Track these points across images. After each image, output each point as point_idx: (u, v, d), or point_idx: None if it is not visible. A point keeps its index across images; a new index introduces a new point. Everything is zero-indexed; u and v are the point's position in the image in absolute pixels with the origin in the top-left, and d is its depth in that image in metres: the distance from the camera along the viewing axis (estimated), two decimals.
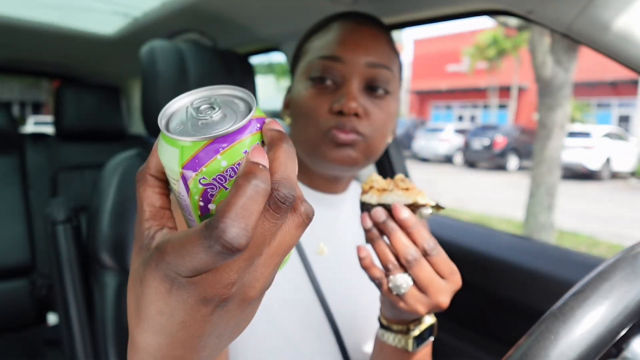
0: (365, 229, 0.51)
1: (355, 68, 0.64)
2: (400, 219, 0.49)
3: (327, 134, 0.64)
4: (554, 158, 4.71)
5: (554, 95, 4.56)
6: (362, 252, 0.52)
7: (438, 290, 0.50)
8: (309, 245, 0.71)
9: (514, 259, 1.06)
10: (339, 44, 0.64)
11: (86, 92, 2.09)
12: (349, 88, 0.63)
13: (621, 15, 0.66)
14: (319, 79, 0.65)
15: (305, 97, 0.66)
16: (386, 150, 1.40)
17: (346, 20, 0.68)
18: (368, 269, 0.52)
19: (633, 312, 0.42)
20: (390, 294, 0.51)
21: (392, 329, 0.57)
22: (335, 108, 0.63)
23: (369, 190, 0.51)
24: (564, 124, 4.66)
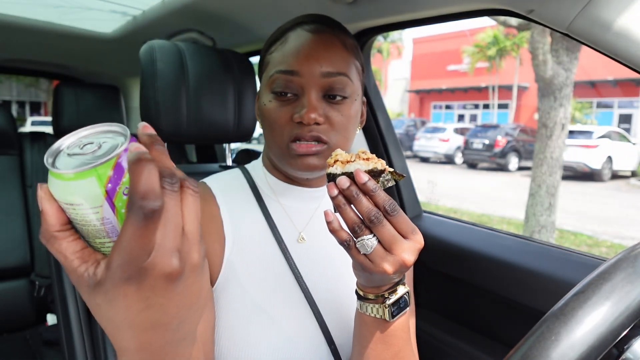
0: (332, 197, 0.55)
1: (312, 79, 0.69)
2: (361, 183, 0.53)
3: (289, 145, 0.70)
4: (555, 158, 4.71)
5: (555, 95, 4.56)
6: (329, 216, 0.56)
7: (401, 248, 0.54)
8: (288, 234, 0.76)
9: (514, 259, 1.05)
10: (295, 57, 0.69)
11: (85, 91, 2.09)
12: (308, 99, 0.69)
13: (622, 15, 0.66)
14: (280, 92, 0.70)
15: (269, 109, 0.71)
16: (386, 151, 1.40)
17: (301, 29, 0.72)
18: (336, 232, 0.56)
19: (634, 312, 0.42)
20: (359, 254, 0.55)
21: (368, 298, 0.61)
22: (296, 119, 0.69)
23: (334, 164, 0.56)
24: (565, 124, 4.65)
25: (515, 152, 13.21)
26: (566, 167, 8.52)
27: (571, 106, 5.17)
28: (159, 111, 0.97)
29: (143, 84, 0.99)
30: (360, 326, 0.64)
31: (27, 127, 15.59)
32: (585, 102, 17.36)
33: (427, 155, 15.48)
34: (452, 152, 14.97)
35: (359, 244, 0.55)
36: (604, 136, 11.86)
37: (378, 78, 19.92)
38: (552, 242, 1.25)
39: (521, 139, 13.32)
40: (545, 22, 0.77)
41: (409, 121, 19.67)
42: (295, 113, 0.69)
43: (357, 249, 0.55)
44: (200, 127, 1.02)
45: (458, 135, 15.07)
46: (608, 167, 11.54)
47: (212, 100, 1.02)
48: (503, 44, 17.14)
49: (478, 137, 13.64)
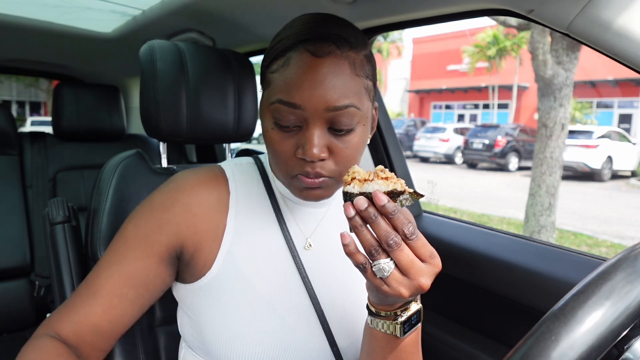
0: (348, 217, 0.53)
1: (316, 114, 0.63)
2: (380, 205, 0.52)
3: (294, 177, 0.67)
4: (555, 158, 4.71)
5: (555, 95, 4.56)
6: (345, 239, 0.54)
7: (419, 273, 0.53)
8: (296, 240, 0.76)
9: (514, 259, 1.05)
10: (298, 88, 0.62)
11: (85, 91, 2.09)
12: (310, 133, 0.63)
13: (622, 15, 0.66)
14: (281, 121, 0.65)
15: (272, 138, 0.67)
16: (386, 151, 1.40)
17: (304, 49, 0.63)
18: (352, 255, 0.54)
19: (634, 312, 0.42)
20: (375, 278, 0.54)
21: (380, 315, 0.60)
22: (299, 154, 0.64)
23: (352, 182, 0.54)
24: (565, 124, 4.65)
25: (515, 152, 13.21)
26: (566, 167, 8.53)
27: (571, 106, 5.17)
28: (158, 111, 0.97)
29: (143, 84, 0.99)
30: (370, 340, 0.64)
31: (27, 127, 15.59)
32: (585, 102, 17.36)
33: (427, 155, 15.47)
34: (452, 152, 14.96)
35: (375, 267, 0.53)
36: (604, 136, 11.86)
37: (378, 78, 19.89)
38: (552, 242, 1.25)
39: (521, 139, 13.31)
40: (545, 22, 0.77)
41: (409, 121, 19.66)
42: (299, 147, 0.64)
43: (373, 272, 0.54)
44: (200, 127, 1.02)
45: (458, 135, 15.06)
46: (608, 167, 11.53)
47: (212, 100, 1.02)
48: (503, 44, 17.14)
49: (478, 137, 13.64)
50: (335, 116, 0.63)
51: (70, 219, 1.01)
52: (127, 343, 0.89)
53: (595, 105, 17.93)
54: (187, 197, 0.72)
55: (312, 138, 0.63)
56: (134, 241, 0.72)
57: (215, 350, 0.70)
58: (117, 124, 2.15)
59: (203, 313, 0.72)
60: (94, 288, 0.71)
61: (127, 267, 0.71)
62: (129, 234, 0.73)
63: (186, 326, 0.76)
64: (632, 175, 12.12)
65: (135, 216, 0.74)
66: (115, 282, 0.71)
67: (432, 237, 1.24)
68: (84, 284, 0.73)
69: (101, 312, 0.70)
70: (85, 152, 2.12)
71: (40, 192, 2.00)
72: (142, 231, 0.72)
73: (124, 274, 0.71)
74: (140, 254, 0.71)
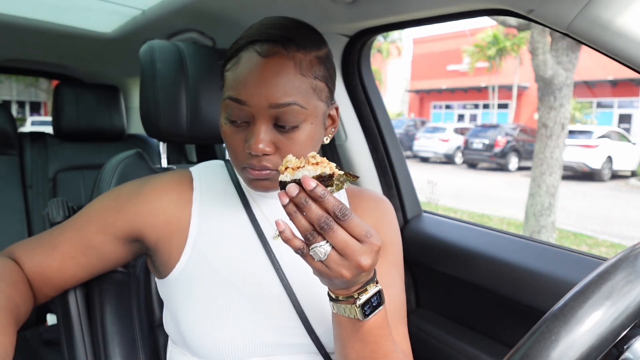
0: (283, 205, 0.54)
1: (260, 110, 0.67)
2: (309, 190, 0.53)
3: (244, 169, 0.72)
4: (555, 158, 4.72)
5: (555, 95, 4.56)
6: (280, 226, 0.55)
7: (356, 253, 0.54)
8: (266, 231, 0.79)
9: (514, 259, 1.05)
10: (243, 86, 0.67)
11: (85, 91, 2.09)
12: (256, 128, 0.68)
13: (622, 15, 0.66)
14: (231, 117, 0.70)
15: (225, 131, 0.72)
16: (386, 151, 1.40)
17: (253, 49, 0.69)
18: (289, 241, 0.55)
19: (634, 312, 0.42)
20: (314, 261, 0.56)
21: (339, 299, 0.61)
22: (245, 149, 0.69)
23: (285, 171, 0.55)
24: (565, 124, 4.65)
25: (515, 152, 13.20)
26: (566, 167, 8.53)
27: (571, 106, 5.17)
28: (158, 111, 0.97)
29: (143, 84, 0.99)
30: (337, 326, 0.65)
31: (27, 127, 15.59)
32: (585, 102, 17.36)
33: (427, 155, 15.47)
34: (452, 152, 14.96)
35: (312, 251, 0.55)
36: (604, 136, 11.86)
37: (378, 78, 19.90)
38: (552, 242, 1.25)
39: (521, 139, 13.31)
40: (545, 22, 0.77)
41: (409, 121, 19.66)
42: (247, 141, 0.69)
43: (312, 256, 0.55)
44: (200, 127, 1.02)
45: (458, 135, 15.06)
46: (608, 167, 11.53)
47: (211, 100, 1.02)
48: (503, 44, 17.13)
49: (478, 137, 13.63)
50: (278, 113, 0.67)
51: None
52: (127, 343, 0.89)
53: (595, 105, 17.92)
54: (150, 193, 0.79)
55: (257, 133, 0.68)
56: (94, 217, 0.79)
57: (191, 340, 0.73)
58: (117, 124, 2.15)
59: (177, 305, 0.75)
60: (55, 242, 0.79)
61: (83, 238, 0.78)
62: (93, 209, 0.80)
63: (168, 322, 0.80)
64: (632, 175, 12.12)
65: (104, 196, 0.82)
66: (71, 246, 0.78)
67: (432, 237, 1.24)
68: (52, 230, 0.81)
69: (55, 267, 0.78)
70: (86, 152, 2.12)
71: (40, 192, 2.00)
72: (103, 211, 0.79)
73: (80, 242, 0.78)
74: (96, 229, 0.78)
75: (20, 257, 0.79)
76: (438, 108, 24.36)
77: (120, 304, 0.90)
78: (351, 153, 1.38)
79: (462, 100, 22.92)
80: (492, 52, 17.59)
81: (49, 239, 0.80)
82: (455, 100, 23.23)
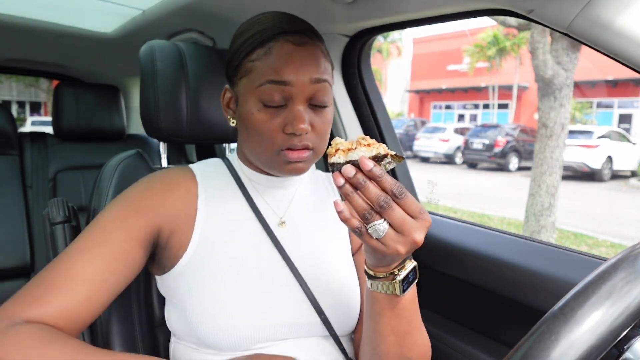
0: (339, 186, 0.56)
1: (302, 88, 0.71)
2: (367, 170, 0.55)
3: (279, 153, 0.73)
4: (555, 158, 4.72)
5: (555, 95, 4.56)
6: (338, 206, 0.57)
7: (412, 229, 0.57)
8: (269, 219, 0.81)
9: (514, 259, 1.05)
10: (285, 68, 0.71)
11: (85, 91, 2.09)
12: (298, 108, 0.71)
13: (622, 15, 0.66)
14: (269, 100, 0.71)
15: (259, 119, 0.73)
16: None
17: (284, 40, 0.72)
18: (347, 220, 0.57)
19: (634, 312, 0.42)
20: (371, 239, 0.57)
21: (379, 277, 0.63)
22: (289, 130, 0.71)
23: (336, 153, 0.56)
24: (565, 124, 4.66)
25: (515, 152, 13.20)
26: (566, 167, 8.53)
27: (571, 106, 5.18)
28: (158, 111, 0.97)
29: (143, 84, 0.99)
30: (373, 304, 0.67)
31: (27, 127, 15.59)
32: (585, 102, 17.35)
33: (427, 155, 15.46)
34: (452, 152, 14.95)
35: (370, 229, 0.56)
36: (604, 136, 11.85)
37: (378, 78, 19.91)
38: (552, 242, 1.25)
39: (521, 139, 13.30)
40: (545, 22, 0.77)
41: (409, 121, 19.65)
42: (287, 124, 0.71)
43: (369, 235, 0.57)
44: (200, 127, 1.02)
45: (458, 135, 15.05)
46: (608, 167, 11.53)
47: (212, 100, 1.02)
48: (503, 44, 17.14)
49: (478, 137, 13.62)
50: (315, 90, 0.72)
51: (71, 219, 1.01)
52: (127, 343, 0.89)
53: (596, 105, 17.92)
54: (161, 188, 0.78)
55: (300, 114, 0.71)
56: (111, 226, 0.72)
57: (200, 330, 0.72)
58: (117, 124, 2.15)
59: (184, 296, 0.75)
60: (72, 273, 0.67)
61: (106, 252, 0.70)
62: (105, 221, 0.73)
63: (173, 317, 0.79)
64: (632, 175, 12.11)
65: (109, 208, 0.75)
66: (96, 267, 0.68)
67: (432, 237, 1.24)
68: (55, 265, 0.68)
69: (82, 299, 0.66)
70: (86, 152, 2.12)
71: (40, 192, 2.00)
72: (119, 217, 0.73)
73: (104, 258, 0.69)
74: (119, 236, 0.71)
75: (30, 313, 0.63)
76: (438, 108, 24.36)
77: (121, 304, 0.90)
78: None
79: (462, 100, 22.92)
80: (492, 52, 17.59)
81: (60, 273, 0.67)
82: (456, 100, 23.22)
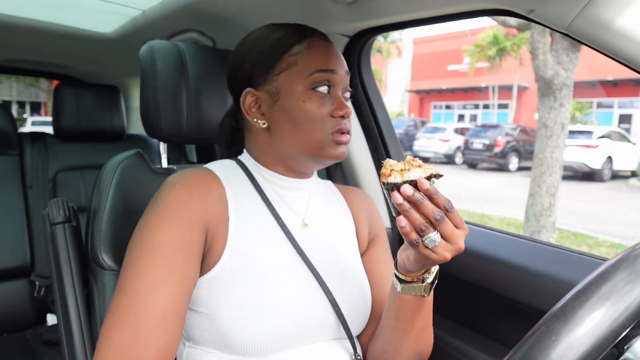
0: (398, 203, 0.62)
1: (341, 78, 0.81)
2: (424, 189, 0.62)
3: (330, 136, 0.79)
4: (555, 158, 4.72)
5: (555, 95, 4.56)
6: (401, 222, 0.63)
7: (459, 238, 0.64)
8: (292, 221, 0.83)
9: (514, 259, 1.05)
10: (329, 59, 0.80)
11: (85, 91, 2.09)
12: (342, 95, 0.82)
13: (622, 15, 0.66)
14: (320, 88, 0.79)
15: (310, 107, 0.78)
16: (386, 151, 1.40)
17: (317, 38, 0.81)
18: (407, 234, 0.63)
19: (634, 312, 0.42)
20: (426, 249, 0.63)
21: (411, 282, 0.70)
22: (337, 114, 0.79)
23: (391, 173, 0.63)
24: (565, 124, 4.66)
25: (515, 152, 13.20)
26: (566, 167, 8.53)
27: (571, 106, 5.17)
28: (159, 111, 0.97)
29: (143, 84, 0.99)
30: (400, 305, 0.74)
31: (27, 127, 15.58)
32: (585, 102, 17.35)
33: (427, 155, 15.45)
34: (452, 152, 14.96)
35: (426, 240, 0.63)
36: (604, 136, 11.86)
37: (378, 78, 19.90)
38: (552, 242, 1.25)
39: (521, 139, 13.30)
40: (545, 22, 0.77)
41: (409, 121, 19.66)
42: (335, 108, 0.79)
43: (425, 245, 0.63)
44: (200, 127, 1.02)
45: (458, 135, 15.05)
46: (608, 167, 11.53)
47: (212, 100, 1.02)
48: (503, 44, 17.14)
49: (478, 137, 13.63)
50: (347, 81, 0.83)
51: (71, 219, 1.01)
52: None
53: (596, 105, 17.92)
54: (197, 192, 0.74)
55: (342, 97, 0.81)
56: (173, 247, 0.68)
57: (230, 336, 0.71)
58: (117, 124, 2.15)
59: (214, 303, 0.72)
60: (159, 312, 0.65)
61: (180, 277, 0.68)
62: (161, 243, 0.68)
63: (193, 323, 0.76)
64: (632, 175, 12.11)
65: (156, 224, 0.70)
66: (176, 296, 0.67)
67: None
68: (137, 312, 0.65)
69: (177, 334, 0.68)
70: (86, 152, 2.12)
71: (40, 192, 2.00)
72: (176, 235, 0.69)
73: (177, 284, 0.68)
74: (183, 257, 0.69)
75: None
76: (438, 108, 24.35)
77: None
78: (351, 153, 1.38)
79: (462, 100, 22.91)
80: (492, 52, 17.60)
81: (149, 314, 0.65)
82: (456, 101, 23.22)
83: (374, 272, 0.90)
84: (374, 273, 0.90)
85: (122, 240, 0.93)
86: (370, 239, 0.94)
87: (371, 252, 0.93)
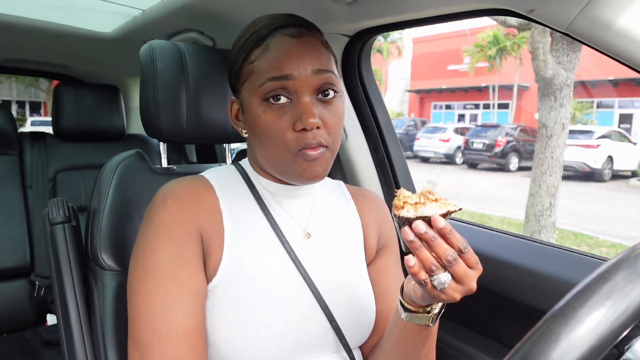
0: (409, 240, 0.58)
1: (305, 80, 0.68)
2: (439, 228, 0.56)
3: (297, 154, 0.69)
4: (555, 158, 4.72)
5: (555, 95, 4.56)
6: (410, 261, 0.59)
7: (471, 279, 0.59)
8: (294, 232, 0.78)
9: (514, 259, 1.05)
10: (285, 61, 0.68)
11: (85, 91, 2.09)
12: (304, 103, 0.68)
13: (622, 15, 0.66)
14: (273, 98, 0.69)
15: (266, 120, 0.69)
16: (386, 151, 1.40)
17: (280, 34, 0.70)
18: (416, 274, 0.59)
19: (635, 312, 0.41)
20: (434, 290, 0.59)
21: (416, 312, 0.67)
22: (298, 127, 0.68)
23: (404, 206, 0.58)
24: (565, 124, 4.65)
25: (515, 152, 13.20)
26: (566, 167, 8.52)
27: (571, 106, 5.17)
28: (158, 111, 0.97)
29: (143, 84, 0.98)
30: (403, 332, 0.71)
31: (27, 127, 15.59)
32: (585, 102, 17.35)
33: (427, 155, 15.46)
34: (452, 152, 14.95)
35: (435, 281, 0.58)
36: (605, 136, 11.85)
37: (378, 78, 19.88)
38: (552, 242, 1.25)
39: (521, 139, 13.30)
40: (546, 22, 0.77)
41: (409, 121, 19.65)
42: (296, 120, 0.68)
43: (434, 286, 0.59)
44: (200, 127, 1.02)
45: (458, 135, 15.05)
46: (608, 167, 11.52)
47: (212, 100, 1.01)
48: (503, 44, 17.14)
49: (478, 137, 13.62)
50: (320, 80, 0.69)
51: (70, 219, 1.01)
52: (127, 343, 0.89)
53: (596, 105, 17.91)
54: (188, 204, 0.72)
55: (307, 107, 0.67)
56: (176, 266, 0.68)
57: (227, 351, 0.70)
58: (117, 124, 2.15)
59: (210, 318, 0.71)
60: (181, 332, 0.65)
61: (191, 293, 0.68)
62: (165, 264, 0.68)
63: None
64: (632, 175, 12.11)
65: (155, 246, 0.69)
66: (194, 311, 0.67)
67: None
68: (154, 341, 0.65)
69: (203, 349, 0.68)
70: (85, 152, 2.12)
71: (40, 192, 2.00)
72: (175, 254, 0.69)
73: (194, 300, 0.68)
74: (189, 273, 0.69)
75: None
76: (438, 108, 24.35)
77: (120, 304, 0.90)
78: (351, 153, 1.38)
79: (463, 100, 22.91)
80: (493, 52, 17.59)
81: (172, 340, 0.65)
82: (456, 100, 23.22)
83: (380, 283, 0.86)
84: (379, 285, 0.86)
85: (122, 240, 0.93)
86: (379, 247, 0.89)
87: (379, 262, 0.88)
